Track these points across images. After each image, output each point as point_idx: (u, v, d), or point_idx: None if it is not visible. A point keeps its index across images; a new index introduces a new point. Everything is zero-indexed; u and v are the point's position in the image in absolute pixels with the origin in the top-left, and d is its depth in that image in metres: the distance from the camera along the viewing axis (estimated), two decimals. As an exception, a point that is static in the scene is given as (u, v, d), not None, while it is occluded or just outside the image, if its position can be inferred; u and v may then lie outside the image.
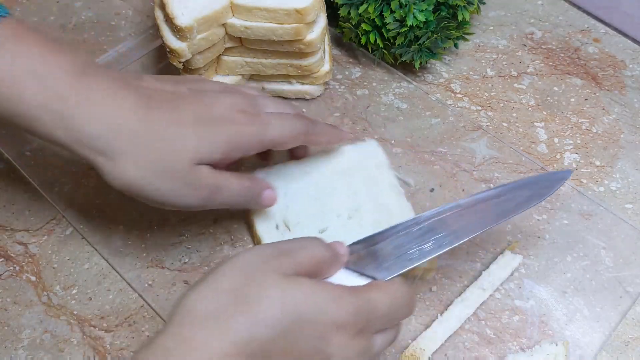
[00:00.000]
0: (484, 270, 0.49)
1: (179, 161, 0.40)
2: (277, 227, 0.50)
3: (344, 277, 0.40)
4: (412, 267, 0.41)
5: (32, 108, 0.38)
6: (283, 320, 0.34)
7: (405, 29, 0.57)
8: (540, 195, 0.44)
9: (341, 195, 0.51)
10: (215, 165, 0.43)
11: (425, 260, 0.42)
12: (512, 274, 0.50)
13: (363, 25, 0.59)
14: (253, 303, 0.34)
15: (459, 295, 0.48)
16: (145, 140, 0.39)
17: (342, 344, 0.35)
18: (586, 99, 0.61)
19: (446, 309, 0.47)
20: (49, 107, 0.38)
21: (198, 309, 0.34)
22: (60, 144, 0.39)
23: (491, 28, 0.67)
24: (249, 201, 0.47)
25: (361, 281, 0.40)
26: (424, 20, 0.57)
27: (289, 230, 0.49)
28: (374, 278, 0.41)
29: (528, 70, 0.64)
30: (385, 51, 0.61)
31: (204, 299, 0.35)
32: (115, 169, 0.39)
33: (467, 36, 0.62)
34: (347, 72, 0.63)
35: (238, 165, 0.54)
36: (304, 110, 0.60)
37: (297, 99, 0.61)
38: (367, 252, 0.42)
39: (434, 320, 0.47)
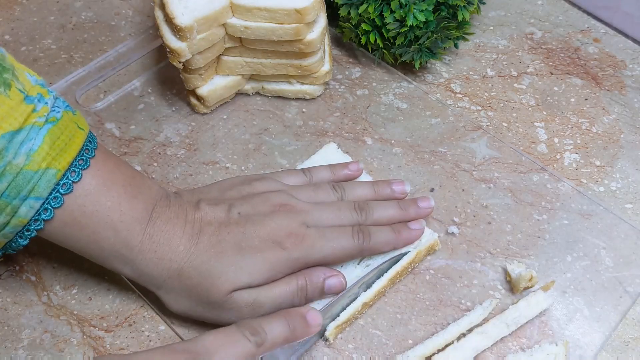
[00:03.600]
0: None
1: (216, 294, 0.44)
2: None
3: None
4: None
5: (106, 252, 0.45)
6: None
7: (405, 29, 0.57)
8: None
9: None
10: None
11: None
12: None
13: (363, 25, 0.59)
14: None
15: (480, 326, 0.46)
16: (189, 278, 0.44)
17: None
18: (586, 99, 0.61)
19: (464, 336, 0.46)
20: (119, 252, 0.44)
21: None
22: (129, 277, 0.46)
23: (491, 28, 0.67)
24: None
25: None
26: (424, 20, 0.57)
27: None
28: None
29: (528, 70, 0.64)
30: (385, 51, 0.61)
31: None
32: (170, 301, 0.46)
33: (467, 36, 0.61)
34: (347, 72, 0.63)
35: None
36: (304, 110, 0.60)
37: (297, 99, 0.61)
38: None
39: (436, 324, 0.47)
